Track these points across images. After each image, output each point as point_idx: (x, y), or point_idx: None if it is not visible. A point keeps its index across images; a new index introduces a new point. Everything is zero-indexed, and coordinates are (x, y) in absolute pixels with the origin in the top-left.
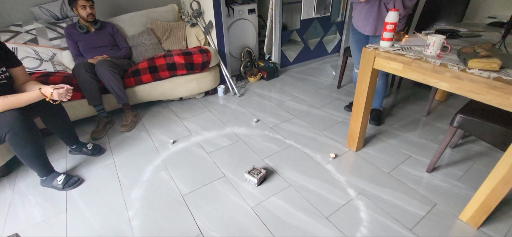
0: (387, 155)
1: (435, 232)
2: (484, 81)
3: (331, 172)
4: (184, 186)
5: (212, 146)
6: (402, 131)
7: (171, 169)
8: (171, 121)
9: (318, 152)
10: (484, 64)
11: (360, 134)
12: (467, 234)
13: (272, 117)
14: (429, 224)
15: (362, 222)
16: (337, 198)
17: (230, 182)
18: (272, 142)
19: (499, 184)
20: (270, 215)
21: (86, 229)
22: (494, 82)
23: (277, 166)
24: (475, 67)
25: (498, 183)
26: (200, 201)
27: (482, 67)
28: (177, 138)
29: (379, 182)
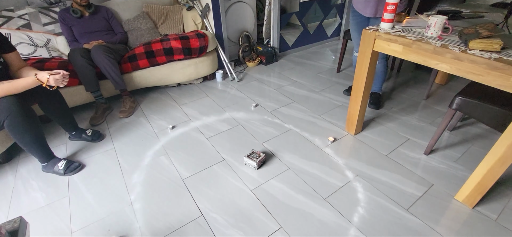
0: (385, 138)
1: (431, 211)
2: (485, 62)
3: (330, 155)
4: (184, 170)
5: (211, 130)
6: (401, 114)
7: (171, 153)
8: (170, 107)
9: (317, 135)
10: (485, 45)
11: (358, 117)
12: (462, 213)
13: (271, 102)
14: (425, 204)
15: (359, 202)
16: (336, 180)
17: (230, 166)
18: (271, 126)
19: (496, 164)
20: (270, 197)
21: (90, 212)
22: (494, 63)
23: (276, 149)
24: (476, 48)
25: (495, 163)
26: (200, 184)
27: (483, 48)
28: (176, 123)
29: (377, 164)
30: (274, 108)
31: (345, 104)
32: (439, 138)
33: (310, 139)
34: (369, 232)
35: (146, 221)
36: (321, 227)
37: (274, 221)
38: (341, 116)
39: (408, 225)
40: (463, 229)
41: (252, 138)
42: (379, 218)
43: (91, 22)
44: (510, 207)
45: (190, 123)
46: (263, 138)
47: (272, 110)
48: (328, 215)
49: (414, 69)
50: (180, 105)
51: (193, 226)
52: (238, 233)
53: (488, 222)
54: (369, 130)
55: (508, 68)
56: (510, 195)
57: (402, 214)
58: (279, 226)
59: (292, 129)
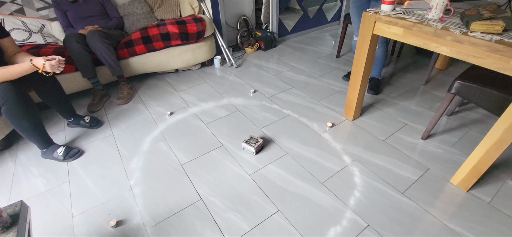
0: (383, 123)
1: (425, 194)
2: (486, 45)
3: (328, 140)
4: (183, 155)
5: (210, 116)
6: (399, 100)
7: (169, 139)
8: (168, 93)
9: (315, 121)
10: (487, 27)
11: (357, 103)
12: (456, 196)
13: (270, 88)
14: (421, 187)
15: (356, 186)
16: (333, 164)
17: (228, 151)
18: (269, 112)
19: (492, 147)
20: (267, 182)
21: (90, 197)
22: (495, 45)
23: (274, 135)
24: (477, 30)
25: (491, 146)
26: (199, 169)
27: (484, 30)
28: (174, 109)
29: (374, 149)
30: (273, 94)
31: (344, 90)
32: (436, 123)
33: (308, 124)
34: (365, 215)
35: (145, 205)
36: (318, 211)
37: (272, 205)
38: (339, 102)
39: (404, 208)
40: (457, 212)
41: (250, 123)
42: (375, 202)
43: (85, 6)
44: (504, 191)
45: (188, 109)
46: (262, 124)
47: (270, 96)
48: (325, 198)
49: (414, 54)
50: (178, 92)
51: (192, 209)
52: (237, 216)
53: (482, 204)
54: (367, 115)
55: (509, 50)
56: (504, 178)
57: (398, 198)
58: (277, 209)
59: (290, 114)
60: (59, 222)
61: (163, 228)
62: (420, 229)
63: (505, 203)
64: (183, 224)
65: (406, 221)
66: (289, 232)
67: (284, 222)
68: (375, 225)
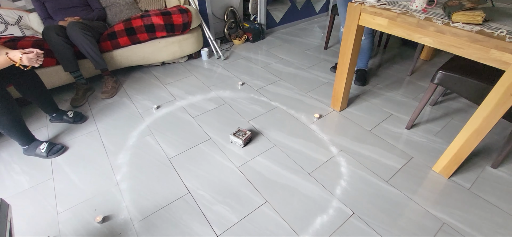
0: (369, 113)
1: (409, 182)
2: (467, 35)
3: (315, 132)
4: (171, 149)
5: (197, 110)
6: (385, 91)
7: (156, 133)
8: (154, 86)
9: (303, 112)
10: (467, 17)
11: (344, 94)
12: (438, 183)
13: (258, 80)
14: (404, 175)
15: (342, 176)
16: (320, 155)
17: (216, 144)
18: (257, 104)
19: (472, 135)
20: (256, 174)
21: (76, 193)
22: (475, 36)
23: (262, 127)
24: (459, 20)
25: (470, 134)
26: (187, 163)
27: (465, 20)
28: (161, 103)
29: (360, 140)
30: (261, 86)
31: (331, 81)
32: (420, 113)
33: (296, 116)
34: (351, 203)
35: (133, 200)
36: (305, 200)
37: (260, 196)
38: (327, 94)
39: (388, 196)
40: (439, 198)
41: (238, 116)
42: (360, 190)
43: None
44: (483, 177)
45: (175, 103)
46: (250, 116)
47: (258, 88)
48: (312, 189)
49: (400, 45)
50: (165, 85)
51: (181, 203)
52: (225, 208)
53: (462, 191)
54: (354, 106)
55: (488, 40)
56: (484, 165)
57: (382, 186)
58: (265, 200)
59: (278, 106)
60: (44, 219)
61: (151, 222)
62: (404, 216)
63: (484, 189)
64: (171, 218)
65: (391, 208)
66: (277, 222)
67: (272, 213)
68: (361, 213)
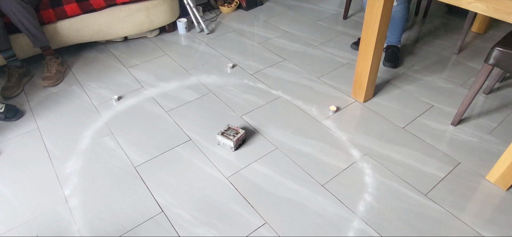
0: (403, 105)
1: (455, 195)
2: None
3: (331, 130)
4: (137, 154)
5: (173, 101)
6: (424, 74)
7: (117, 133)
8: (114, 70)
9: (314, 104)
10: None
11: (369, 79)
12: (493, 197)
13: (254, 61)
14: (448, 186)
15: (366, 188)
16: (337, 161)
17: (198, 147)
18: (253, 94)
19: None
20: (251, 186)
21: (9, 214)
22: None
23: (259, 124)
24: None
25: None
26: (158, 172)
27: None
28: (124, 92)
29: (390, 140)
30: (258, 69)
31: (352, 62)
32: (471, 103)
33: (305, 109)
34: (377, 224)
35: (87, 222)
36: (316, 220)
37: (257, 216)
38: (346, 79)
39: (427, 213)
40: (494, 216)
41: (228, 109)
42: (390, 207)
43: None
44: None
45: (142, 92)
46: (243, 109)
47: (254, 72)
48: (326, 204)
49: (445, 14)
50: (128, 68)
51: (151, 225)
52: (210, 232)
53: None
54: (382, 95)
55: None
56: None
57: (419, 201)
58: (263, 221)
59: (281, 96)
60: None
61: None
62: None
63: None
64: None
65: (430, 229)
66: None
67: None
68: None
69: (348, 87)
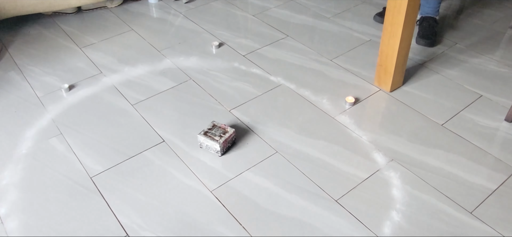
0: (442, 95)
1: (509, 213)
2: None
3: (347, 128)
4: (94, 161)
5: (141, 91)
6: (470, 54)
7: (68, 133)
8: (64, 51)
9: (326, 94)
10: None
11: (397, 61)
12: None
13: (247, 38)
14: (501, 202)
15: (393, 203)
16: (355, 169)
17: (174, 150)
18: (246, 81)
19: None
20: (243, 202)
21: None
22: None
23: (254, 121)
24: None
25: None
26: (122, 184)
27: None
28: (77, 80)
29: (425, 141)
30: (252, 49)
31: (375, 39)
32: None
33: (313, 101)
34: None
35: None
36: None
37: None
38: (368, 61)
39: (471, 235)
40: None
41: (212, 101)
42: (424, 228)
43: None
44: None
45: (101, 79)
46: (232, 102)
47: (248, 52)
48: (341, 225)
49: None
50: (83, 48)
51: None
52: None
53: None
54: (414, 82)
55: None
56: None
57: (463, 220)
58: None
59: (282, 84)
60: None
61: None
62: None
63: None
64: None
65: None
66: None
67: None
68: None
69: (370, 72)
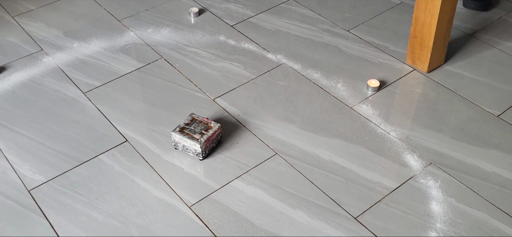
0: (498, 76)
1: None
2: None
3: (370, 120)
4: (32, 168)
5: (95, 74)
6: None
7: None
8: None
9: (342, 77)
10: None
11: (437, 32)
12: None
13: (236, 2)
14: None
15: (433, 221)
16: (382, 175)
17: (140, 153)
18: (235, 60)
19: None
20: (232, 220)
21: None
22: None
23: (246, 113)
24: None
25: None
26: (70, 199)
27: None
28: (9, 59)
29: (476, 138)
30: (243, 16)
31: (408, 1)
32: None
33: (324, 86)
34: None
35: None
36: None
37: None
38: (398, 31)
39: None
40: None
41: (191, 87)
42: None
43: None
44: None
45: (42, 58)
46: (218, 88)
47: (237, 22)
48: None
49: None
50: (16, 17)
51: None
52: None
53: None
54: (460, 59)
55: None
56: None
57: None
58: None
59: (283, 63)
60: None
61: None
62: None
63: None
64: None
65: None
66: None
67: None
68: None
69: (401, 47)
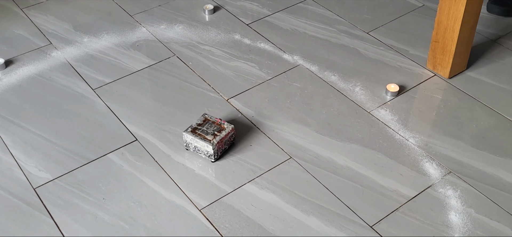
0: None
1: None
2: None
3: (388, 126)
4: (39, 166)
5: (105, 70)
6: None
7: (4, 128)
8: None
9: (360, 80)
10: None
11: (460, 37)
12: None
13: (252, 0)
14: None
15: (451, 232)
16: (399, 183)
17: (150, 153)
18: (250, 60)
19: None
20: (244, 225)
21: None
22: None
23: (261, 113)
24: None
25: None
26: (77, 198)
27: None
28: (16, 53)
29: (497, 146)
30: (259, 15)
31: (431, 5)
32: None
33: (342, 89)
34: None
35: None
36: None
37: None
38: (419, 35)
39: None
40: None
41: (204, 87)
42: None
43: None
44: None
45: (51, 52)
46: (231, 88)
47: (253, 20)
48: None
49: None
50: (25, 9)
51: None
52: None
53: None
54: (483, 65)
55: None
56: None
57: None
58: None
59: (300, 64)
60: None
61: None
62: None
63: None
64: None
65: None
66: None
67: None
68: None
69: (421, 51)
